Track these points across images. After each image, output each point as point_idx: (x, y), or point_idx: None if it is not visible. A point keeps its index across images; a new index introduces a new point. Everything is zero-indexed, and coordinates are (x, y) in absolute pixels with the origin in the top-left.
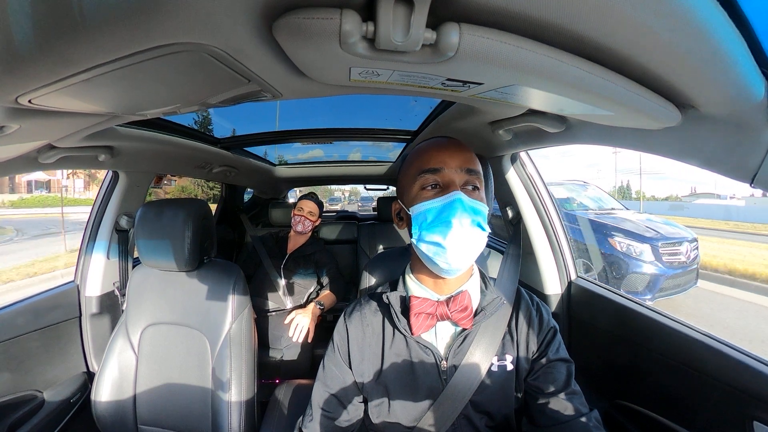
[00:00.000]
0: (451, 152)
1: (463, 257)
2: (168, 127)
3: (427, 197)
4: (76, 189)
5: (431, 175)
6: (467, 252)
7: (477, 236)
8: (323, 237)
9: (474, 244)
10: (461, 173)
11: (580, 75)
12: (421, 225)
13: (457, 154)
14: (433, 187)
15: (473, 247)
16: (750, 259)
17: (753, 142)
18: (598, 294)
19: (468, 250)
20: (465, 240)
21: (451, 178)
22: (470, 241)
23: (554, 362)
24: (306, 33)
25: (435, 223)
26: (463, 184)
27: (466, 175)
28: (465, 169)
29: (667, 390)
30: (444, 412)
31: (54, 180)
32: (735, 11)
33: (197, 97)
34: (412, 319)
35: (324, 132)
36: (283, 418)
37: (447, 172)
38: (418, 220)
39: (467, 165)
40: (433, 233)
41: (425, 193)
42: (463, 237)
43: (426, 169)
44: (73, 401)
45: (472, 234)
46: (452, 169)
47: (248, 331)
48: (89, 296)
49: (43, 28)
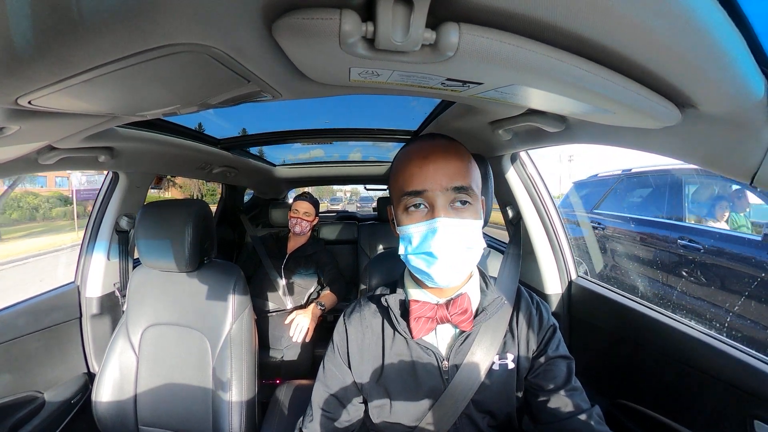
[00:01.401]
0: (435, 169)
1: (450, 277)
2: (168, 128)
3: (412, 220)
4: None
5: (414, 197)
6: (454, 273)
7: (464, 257)
8: (323, 237)
9: (462, 266)
10: (448, 192)
11: (580, 74)
12: (406, 247)
13: (443, 168)
14: (419, 206)
15: (461, 268)
16: None
17: (753, 141)
18: (599, 293)
19: (455, 271)
20: (450, 265)
21: (435, 201)
22: (456, 263)
23: (554, 359)
24: (305, 33)
25: (419, 248)
26: (452, 201)
27: (453, 193)
28: (452, 187)
29: (667, 389)
30: (445, 411)
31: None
32: (734, 10)
33: (197, 97)
34: (412, 323)
35: (324, 132)
36: (283, 418)
37: (431, 193)
38: (404, 241)
39: (453, 182)
40: (418, 258)
41: (410, 214)
42: (448, 264)
43: (408, 192)
44: (74, 402)
45: (457, 258)
46: (437, 190)
47: (249, 332)
48: (90, 297)
49: (43, 29)
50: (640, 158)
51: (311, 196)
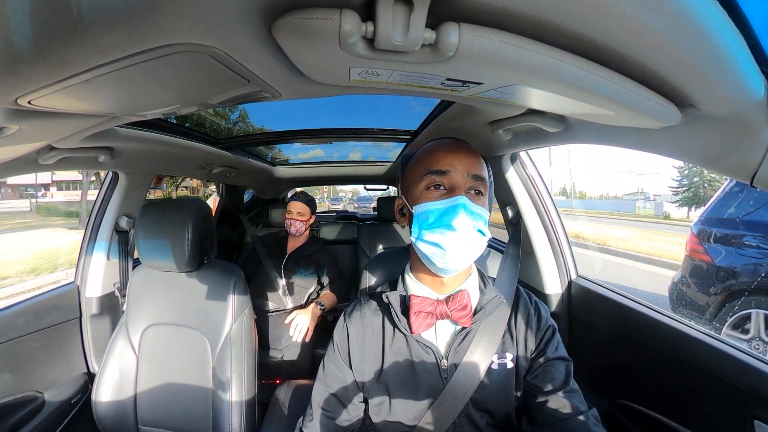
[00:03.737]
0: (459, 156)
1: (460, 259)
2: (168, 127)
3: (431, 197)
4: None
5: (438, 176)
6: (465, 255)
7: (476, 240)
8: (323, 237)
9: (472, 248)
10: (467, 178)
11: (580, 74)
12: (422, 224)
13: (465, 158)
14: (438, 187)
15: (471, 251)
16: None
17: (753, 141)
18: (599, 293)
19: (466, 253)
20: (464, 243)
21: (458, 181)
22: (469, 244)
23: (553, 361)
24: (305, 33)
25: (436, 223)
26: (468, 188)
27: (471, 180)
28: (472, 175)
29: (667, 389)
30: (445, 410)
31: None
32: (734, 10)
33: (197, 97)
34: (412, 317)
35: (323, 132)
36: (283, 418)
37: (454, 175)
38: (420, 218)
39: (474, 170)
40: (434, 233)
41: (430, 193)
42: (463, 240)
43: (433, 170)
44: (74, 402)
45: (471, 238)
46: (459, 172)
47: (249, 332)
48: (89, 297)
49: (43, 29)
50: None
51: (305, 196)
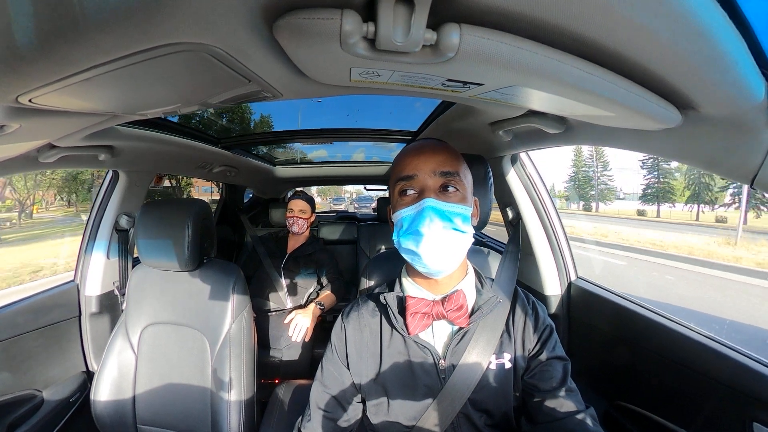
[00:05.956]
0: (424, 157)
1: (438, 261)
2: (168, 126)
3: (404, 203)
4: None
5: (406, 182)
6: (442, 256)
7: (452, 240)
8: (323, 237)
9: (449, 249)
10: (436, 177)
11: (581, 76)
12: (399, 232)
13: (431, 157)
14: (407, 193)
15: (449, 251)
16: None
17: (753, 143)
18: (598, 295)
19: (443, 254)
20: (437, 246)
21: (425, 183)
22: (443, 246)
23: (551, 360)
24: (306, 33)
25: (408, 230)
26: (440, 186)
27: (441, 178)
28: (440, 172)
29: (667, 391)
30: (443, 410)
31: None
32: (735, 12)
33: (197, 97)
34: (408, 318)
35: (324, 132)
36: (282, 418)
37: (421, 177)
38: (397, 226)
39: (442, 167)
40: (408, 240)
41: (403, 199)
42: (435, 244)
43: (402, 177)
44: (73, 401)
45: (444, 239)
46: (425, 174)
47: (248, 331)
48: (89, 296)
49: (44, 27)
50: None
51: (305, 194)
